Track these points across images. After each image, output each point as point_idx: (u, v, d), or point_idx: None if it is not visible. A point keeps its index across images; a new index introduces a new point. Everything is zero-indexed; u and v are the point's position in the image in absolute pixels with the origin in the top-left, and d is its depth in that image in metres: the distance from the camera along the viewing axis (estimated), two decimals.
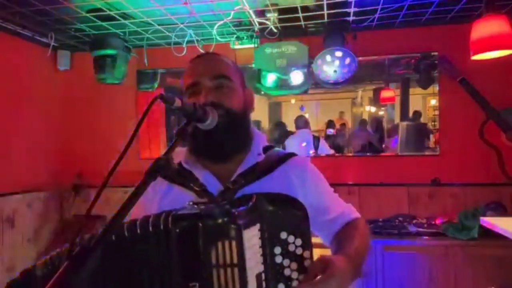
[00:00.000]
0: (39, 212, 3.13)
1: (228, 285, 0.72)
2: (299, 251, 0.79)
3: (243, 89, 1.07)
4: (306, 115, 3.37)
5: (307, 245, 0.79)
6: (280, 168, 1.03)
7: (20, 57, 3.01)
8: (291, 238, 0.79)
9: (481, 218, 1.99)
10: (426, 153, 3.03)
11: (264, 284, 0.76)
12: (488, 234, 2.04)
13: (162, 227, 0.75)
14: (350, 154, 3.28)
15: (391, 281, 2.47)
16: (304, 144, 3.25)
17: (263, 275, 0.76)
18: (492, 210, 2.56)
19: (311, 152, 3.23)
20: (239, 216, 0.76)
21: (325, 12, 2.62)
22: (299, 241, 0.79)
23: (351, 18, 2.73)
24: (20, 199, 2.94)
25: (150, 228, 0.75)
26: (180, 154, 1.04)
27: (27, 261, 2.83)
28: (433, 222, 2.66)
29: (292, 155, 1.08)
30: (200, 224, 0.73)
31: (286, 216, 0.80)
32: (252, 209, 0.78)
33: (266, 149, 1.08)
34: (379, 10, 2.59)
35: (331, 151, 3.27)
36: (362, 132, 3.35)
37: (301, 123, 3.32)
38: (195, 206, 0.81)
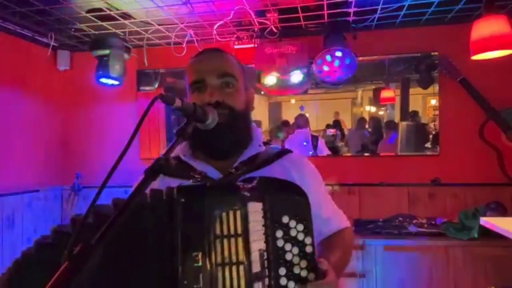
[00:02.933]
0: (39, 212, 3.13)
1: (231, 255, 0.72)
2: (300, 236, 0.78)
3: (245, 88, 1.07)
4: (307, 115, 3.37)
5: (309, 232, 0.79)
6: (279, 162, 1.04)
7: (20, 57, 3.01)
8: (292, 223, 0.78)
9: (481, 218, 1.99)
10: (426, 153, 3.03)
11: (266, 263, 0.75)
12: (488, 234, 2.04)
13: (165, 197, 0.75)
14: (350, 154, 3.28)
15: (391, 281, 2.47)
16: (304, 143, 3.25)
17: (265, 254, 0.76)
18: (492, 210, 2.56)
19: (310, 152, 3.23)
20: (243, 189, 0.76)
21: (325, 12, 2.62)
22: (300, 227, 0.79)
23: (351, 18, 2.73)
24: (20, 199, 2.94)
25: (151, 199, 0.75)
26: (178, 148, 1.04)
27: None
28: (433, 222, 2.66)
29: (289, 151, 1.09)
30: (205, 194, 0.73)
31: (289, 200, 0.80)
32: (255, 187, 0.78)
33: (264, 144, 1.10)
34: (379, 10, 2.59)
35: (329, 152, 3.26)
36: (358, 132, 3.35)
37: (302, 122, 3.32)
38: (200, 180, 0.81)
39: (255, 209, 0.76)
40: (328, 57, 2.73)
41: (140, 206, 0.74)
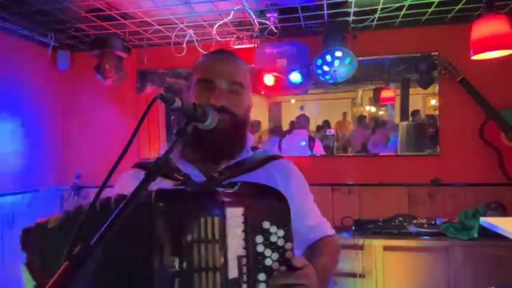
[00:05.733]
0: (39, 212, 3.13)
1: (208, 261, 0.73)
2: (281, 242, 0.78)
3: (249, 95, 1.08)
4: (307, 115, 3.37)
5: (289, 237, 0.79)
6: (265, 167, 1.04)
7: (20, 57, 3.01)
8: (273, 229, 0.78)
9: (481, 218, 1.99)
10: (426, 153, 3.03)
11: (245, 269, 0.75)
12: (488, 234, 2.04)
13: (143, 200, 0.74)
14: (351, 154, 3.27)
15: (391, 281, 2.47)
16: (304, 143, 3.24)
17: (244, 259, 0.76)
18: (492, 210, 2.56)
19: (309, 153, 3.22)
20: (223, 194, 0.77)
21: (325, 12, 2.62)
22: (281, 232, 0.79)
23: (351, 18, 2.73)
24: (20, 199, 2.94)
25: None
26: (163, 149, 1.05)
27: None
28: (433, 222, 2.66)
29: (276, 157, 1.09)
30: (184, 199, 0.74)
31: (270, 206, 0.80)
32: (236, 193, 0.78)
33: (252, 149, 1.10)
34: (379, 10, 2.59)
35: (323, 153, 3.26)
36: (358, 131, 3.34)
37: (302, 122, 3.32)
38: (182, 182, 0.81)
39: (235, 215, 0.76)
40: (328, 57, 2.73)
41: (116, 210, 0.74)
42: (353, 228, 2.68)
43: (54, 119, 3.34)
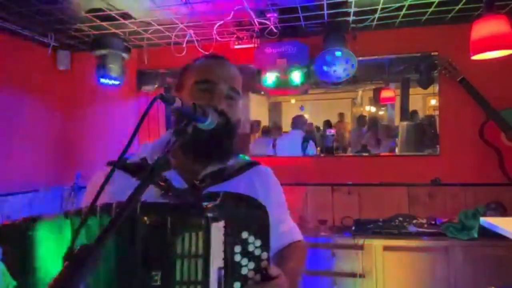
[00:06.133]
0: (39, 212, 3.12)
1: (190, 276, 0.74)
2: (257, 251, 0.80)
3: (241, 110, 1.10)
4: (306, 116, 3.37)
5: (266, 247, 0.81)
6: (245, 174, 1.06)
7: (20, 57, 3.01)
8: (251, 239, 0.80)
9: (481, 218, 1.99)
10: (426, 153, 3.03)
11: (223, 279, 0.77)
12: (488, 234, 2.03)
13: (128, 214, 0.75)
14: (350, 154, 3.28)
15: (391, 281, 2.47)
16: (308, 142, 3.24)
17: (222, 271, 0.77)
18: (492, 210, 2.56)
19: (312, 152, 3.23)
20: (208, 210, 0.77)
21: (325, 12, 2.62)
22: (258, 242, 0.81)
23: (351, 18, 2.73)
24: (20, 199, 2.94)
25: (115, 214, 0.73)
26: (146, 149, 1.03)
27: None
28: (433, 222, 2.66)
29: (256, 163, 1.11)
30: (169, 214, 0.74)
31: (249, 216, 0.82)
32: (219, 205, 0.79)
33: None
34: (379, 10, 2.59)
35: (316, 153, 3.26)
36: (358, 131, 3.35)
37: (299, 123, 3.32)
38: (163, 197, 0.82)
39: (218, 228, 0.77)
40: (328, 57, 2.74)
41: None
42: (353, 228, 2.68)
43: (54, 119, 3.33)
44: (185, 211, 0.78)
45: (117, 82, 3.05)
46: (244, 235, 0.80)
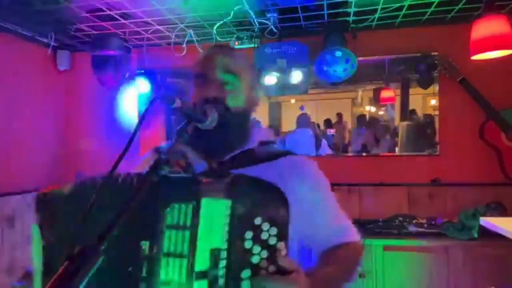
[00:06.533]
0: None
1: (177, 248, 0.73)
2: (272, 240, 0.74)
3: (250, 88, 1.04)
4: (308, 114, 3.37)
5: (283, 237, 0.75)
6: (276, 163, 0.99)
7: (20, 57, 3.01)
8: (265, 226, 0.75)
9: (481, 218, 1.99)
10: (426, 153, 3.03)
11: (224, 262, 0.73)
12: (488, 234, 2.03)
13: (121, 181, 0.76)
14: (351, 154, 3.27)
15: (391, 281, 2.47)
16: (321, 142, 3.24)
17: (223, 253, 0.73)
18: (492, 210, 2.56)
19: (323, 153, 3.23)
20: (205, 183, 0.76)
21: (325, 12, 2.62)
22: (274, 230, 0.75)
23: (351, 18, 2.73)
24: (20, 199, 2.94)
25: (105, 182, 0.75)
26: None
27: (27, 261, 2.83)
28: (433, 222, 2.66)
29: (289, 153, 1.04)
30: (160, 185, 0.73)
31: (264, 202, 0.76)
32: (227, 185, 0.76)
33: (265, 143, 1.06)
34: (379, 10, 2.59)
35: (330, 152, 3.27)
36: (358, 131, 3.35)
37: (304, 122, 3.31)
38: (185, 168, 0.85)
39: (214, 205, 0.74)
40: (328, 57, 2.74)
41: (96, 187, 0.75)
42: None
43: (54, 119, 3.33)
44: (177, 183, 0.78)
45: (117, 82, 3.05)
46: (257, 221, 0.75)
